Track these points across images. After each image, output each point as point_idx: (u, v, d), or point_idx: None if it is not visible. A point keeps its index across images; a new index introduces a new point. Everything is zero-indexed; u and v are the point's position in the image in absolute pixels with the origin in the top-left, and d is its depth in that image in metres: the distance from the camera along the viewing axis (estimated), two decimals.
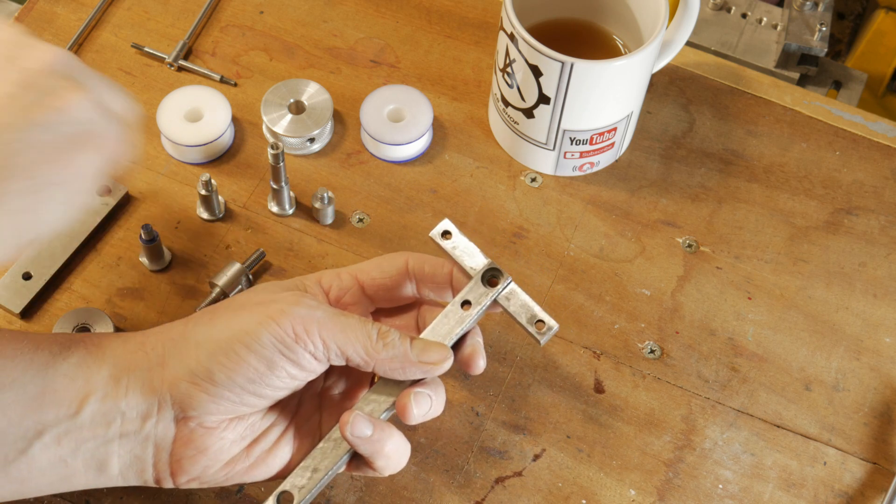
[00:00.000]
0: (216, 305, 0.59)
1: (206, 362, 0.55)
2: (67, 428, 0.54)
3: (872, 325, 0.73)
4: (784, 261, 0.75)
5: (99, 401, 0.55)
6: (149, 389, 0.56)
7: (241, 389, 0.55)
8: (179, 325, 0.58)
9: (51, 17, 0.83)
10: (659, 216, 0.77)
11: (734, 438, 0.68)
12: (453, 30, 0.84)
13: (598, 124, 0.74)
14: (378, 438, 0.57)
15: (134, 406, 0.56)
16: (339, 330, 0.56)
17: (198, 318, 0.58)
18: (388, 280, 0.62)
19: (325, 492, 0.65)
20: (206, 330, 0.57)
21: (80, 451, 0.55)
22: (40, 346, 0.56)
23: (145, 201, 0.75)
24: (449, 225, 0.62)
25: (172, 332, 0.58)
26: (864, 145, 0.81)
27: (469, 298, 0.60)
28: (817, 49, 0.87)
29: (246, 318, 0.56)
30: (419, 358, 0.58)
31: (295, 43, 0.83)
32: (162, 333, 0.58)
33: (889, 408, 0.70)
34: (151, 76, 0.81)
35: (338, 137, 0.79)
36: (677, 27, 0.75)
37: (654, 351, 0.71)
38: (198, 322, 0.58)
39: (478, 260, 0.61)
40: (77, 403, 0.55)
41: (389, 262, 0.62)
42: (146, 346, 0.57)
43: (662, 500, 0.66)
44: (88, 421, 0.55)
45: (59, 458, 0.54)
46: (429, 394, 0.58)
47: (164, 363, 0.56)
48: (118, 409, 0.55)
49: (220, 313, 0.58)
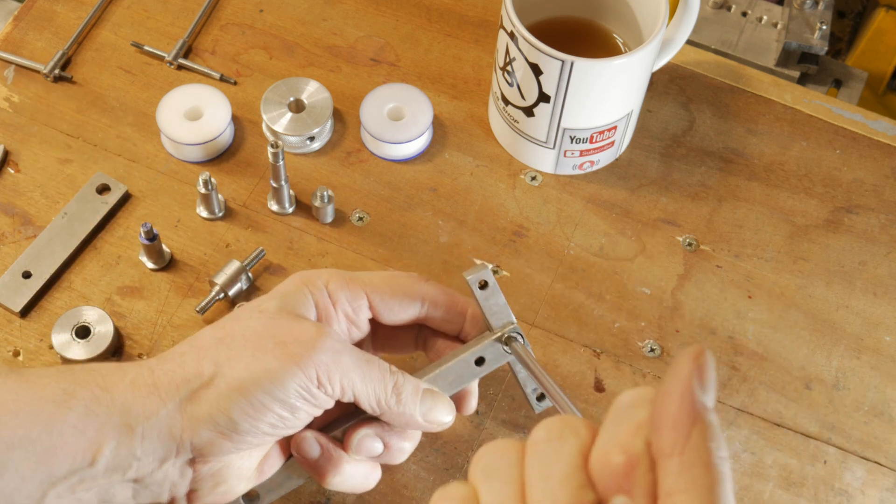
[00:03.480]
0: (230, 331, 0.56)
1: (229, 412, 0.54)
2: (82, 477, 0.53)
3: (872, 324, 0.73)
4: (784, 259, 0.75)
5: (113, 450, 0.53)
6: (167, 436, 0.54)
7: (264, 434, 0.55)
8: (191, 360, 0.55)
9: (50, 16, 0.83)
10: (659, 215, 0.77)
11: (734, 437, 0.68)
12: (453, 28, 0.84)
13: (598, 123, 0.74)
14: (326, 460, 0.58)
15: (150, 452, 0.54)
16: (359, 379, 0.56)
17: (213, 354, 0.55)
18: (398, 304, 0.61)
19: (325, 490, 0.65)
20: (227, 373, 0.54)
21: (96, 491, 0.54)
22: (42, 395, 0.53)
23: (145, 200, 0.75)
24: (489, 276, 0.59)
25: (186, 370, 0.55)
26: (864, 144, 0.81)
27: (485, 356, 0.60)
28: (817, 47, 0.87)
29: (269, 361, 0.54)
30: (425, 418, 0.58)
31: (295, 41, 0.83)
32: (174, 373, 0.55)
33: (889, 406, 0.70)
34: (151, 75, 0.81)
35: (338, 136, 0.79)
36: (677, 26, 0.75)
37: (655, 349, 0.71)
38: (215, 361, 0.55)
39: (503, 319, 0.60)
40: (91, 455, 0.53)
41: (403, 288, 0.61)
42: (159, 389, 0.54)
43: None
44: (103, 469, 0.53)
45: (74, 501, 0.53)
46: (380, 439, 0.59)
47: (181, 408, 0.54)
48: (134, 456, 0.53)
49: (238, 350, 0.55)
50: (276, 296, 0.58)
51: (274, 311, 0.57)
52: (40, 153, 0.77)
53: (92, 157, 0.77)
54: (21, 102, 0.79)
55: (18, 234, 0.73)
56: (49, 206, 0.74)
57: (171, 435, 0.54)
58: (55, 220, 0.73)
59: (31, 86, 0.80)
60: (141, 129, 0.78)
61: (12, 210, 0.74)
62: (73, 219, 0.73)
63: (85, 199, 0.74)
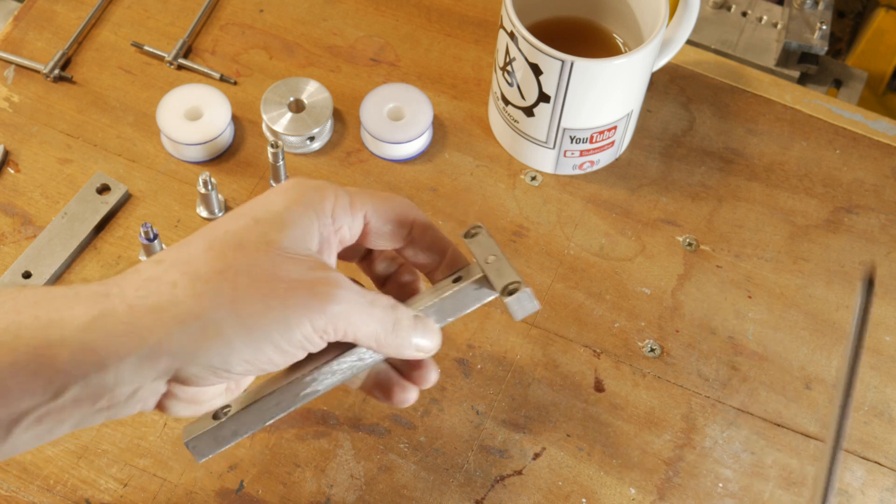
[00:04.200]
0: (233, 264, 0.50)
1: (229, 358, 0.49)
2: (47, 410, 0.48)
3: (873, 324, 0.73)
4: (784, 259, 0.75)
5: (80, 388, 0.48)
6: (147, 369, 0.49)
7: (252, 373, 0.51)
8: (186, 294, 0.49)
9: (50, 16, 0.83)
10: (659, 215, 0.77)
11: (734, 437, 0.68)
12: (453, 28, 0.84)
13: (598, 123, 0.74)
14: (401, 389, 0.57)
15: (124, 384, 0.49)
16: (363, 323, 0.53)
17: (215, 290, 0.49)
18: (389, 233, 0.56)
19: (325, 490, 0.65)
20: (229, 317, 0.49)
21: (66, 423, 0.49)
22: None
23: (145, 200, 0.75)
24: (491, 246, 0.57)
25: (179, 308, 0.48)
26: (864, 144, 0.81)
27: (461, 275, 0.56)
28: (817, 47, 0.87)
29: (280, 309, 0.49)
30: (416, 348, 0.55)
31: (295, 41, 0.83)
32: (162, 311, 0.48)
33: (889, 406, 0.70)
34: (151, 75, 0.81)
35: (338, 136, 0.79)
36: (677, 26, 0.75)
37: (655, 349, 0.71)
38: (216, 299, 0.49)
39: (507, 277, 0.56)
40: (52, 392, 0.48)
41: (398, 214, 0.56)
42: (140, 328, 0.48)
43: (662, 499, 0.66)
44: (70, 402, 0.48)
45: (45, 431, 0.49)
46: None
47: (171, 352, 0.49)
48: (106, 389, 0.49)
49: (245, 291, 0.49)
50: (281, 223, 0.52)
51: (283, 245, 0.51)
52: (40, 153, 0.77)
53: (92, 157, 0.77)
54: (21, 102, 0.79)
55: (18, 234, 0.73)
56: (49, 206, 0.74)
57: (152, 368, 0.49)
58: (55, 220, 0.73)
59: (31, 86, 0.80)
60: (141, 129, 0.78)
61: (12, 210, 0.74)
62: (73, 219, 0.73)
63: (85, 199, 0.74)
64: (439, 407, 0.68)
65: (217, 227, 0.52)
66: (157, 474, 0.65)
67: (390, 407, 0.65)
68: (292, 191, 0.53)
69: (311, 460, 0.66)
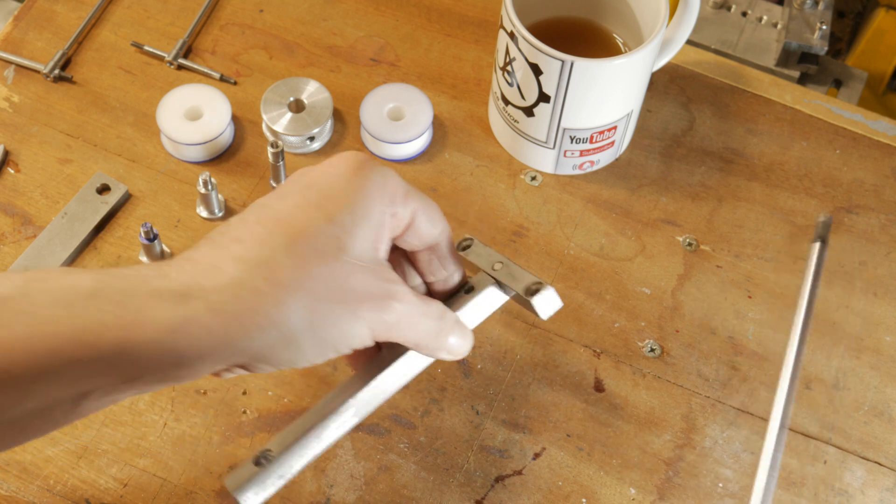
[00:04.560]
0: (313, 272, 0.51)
1: (296, 359, 0.51)
2: (120, 389, 0.50)
3: (873, 324, 0.73)
4: (784, 259, 0.75)
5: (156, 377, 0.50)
6: (221, 364, 0.50)
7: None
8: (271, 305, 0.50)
9: (50, 16, 0.83)
10: (659, 215, 0.77)
11: (734, 437, 0.68)
12: (453, 28, 0.84)
13: (598, 123, 0.74)
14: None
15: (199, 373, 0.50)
16: (412, 332, 0.54)
17: (296, 303, 0.50)
18: (423, 234, 0.57)
19: (325, 490, 0.65)
20: (308, 329, 0.51)
21: (131, 395, 0.51)
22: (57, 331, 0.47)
23: (145, 200, 0.75)
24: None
25: (261, 318, 0.50)
26: (864, 144, 0.81)
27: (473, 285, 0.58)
28: (817, 47, 0.87)
29: (349, 320, 0.51)
30: (450, 351, 0.57)
31: (295, 41, 0.83)
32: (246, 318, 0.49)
33: (889, 406, 0.70)
34: (151, 75, 0.81)
35: (338, 136, 0.79)
36: (677, 26, 0.75)
37: (655, 349, 0.71)
38: (296, 312, 0.50)
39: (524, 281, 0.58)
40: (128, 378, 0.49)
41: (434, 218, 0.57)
42: (225, 336, 0.49)
43: (662, 499, 0.66)
44: (142, 384, 0.50)
45: (110, 401, 0.51)
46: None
47: (248, 354, 0.50)
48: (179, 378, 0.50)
49: (321, 301, 0.51)
50: (352, 223, 0.53)
51: (355, 253, 0.52)
52: (40, 153, 0.77)
53: (92, 157, 0.77)
54: (21, 102, 0.79)
55: (18, 234, 0.73)
56: (49, 206, 0.74)
57: (225, 363, 0.50)
58: (55, 220, 0.73)
59: (31, 86, 0.80)
60: (141, 129, 0.78)
61: (12, 210, 0.74)
62: (73, 219, 0.73)
63: (85, 199, 0.74)
64: (439, 407, 0.68)
65: (292, 217, 0.52)
66: (157, 474, 0.65)
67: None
68: (360, 174, 0.53)
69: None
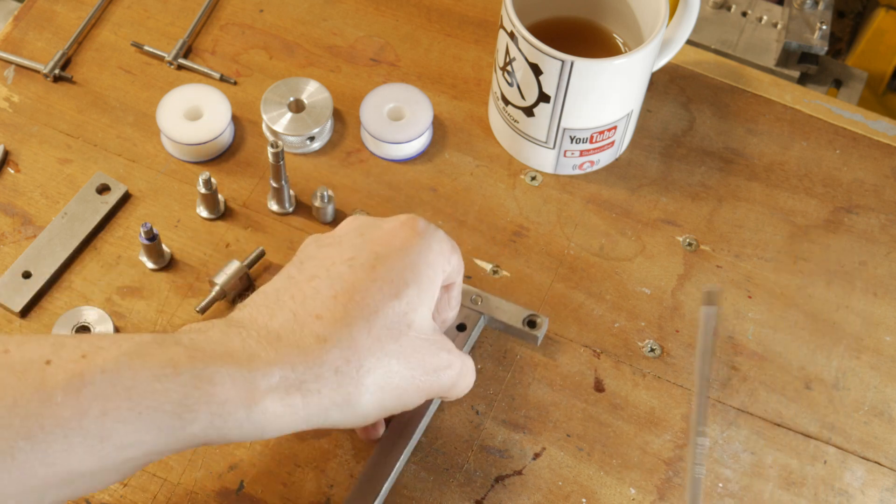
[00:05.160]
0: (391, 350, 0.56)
1: (347, 425, 0.57)
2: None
3: (873, 324, 0.73)
4: (784, 259, 0.75)
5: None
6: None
7: None
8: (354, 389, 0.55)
9: (50, 16, 0.83)
10: (659, 215, 0.77)
11: (734, 437, 0.68)
12: (453, 28, 0.84)
13: (598, 123, 0.74)
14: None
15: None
16: (456, 391, 0.62)
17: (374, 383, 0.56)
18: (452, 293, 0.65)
19: (325, 490, 0.65)
20: (375, 402, 0.56)
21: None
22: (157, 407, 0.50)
23: (145, 200, 0.75)
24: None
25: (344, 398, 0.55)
26: (864, 144, 0.81)
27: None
28: (817, 47, 0.87)
29: (412, 395, 0.58)
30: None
31: (295, 41, 0.83)
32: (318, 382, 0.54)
33: (889, 406, 0.70)
34: (151, 75, 0.81)
35: (338, 136, 0.79)
36: (677, 26, 0.75)
37: (655, 349, 0.71)
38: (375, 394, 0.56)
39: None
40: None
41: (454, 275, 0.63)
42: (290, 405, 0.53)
43: (662, 499, 0.66)
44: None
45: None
46: None
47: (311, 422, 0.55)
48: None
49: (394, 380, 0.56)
50: (418, 299, 0.58)
51: (420, 327, 0.58)
52: (40, 153, 0.77)
53: (92, 157, 0.77)
54: (21, 102, 0.79)
55: (18, 234, 0.73)
56: (49, 206, 0.74)
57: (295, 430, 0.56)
58: (55, 220, 0.73)
59: (31, 86, 0.80)
60: (141, 129, 0.78)
61: (12, 210, 0.74)
62: (73, 219, 0.73)
63: (85, 199, 0.74)
64: (439, 407, 0.68)
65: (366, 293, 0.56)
66: (157, 474, 0.65)
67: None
68: (421, 243, 0.59)
69: (311, 460, 0.66)
